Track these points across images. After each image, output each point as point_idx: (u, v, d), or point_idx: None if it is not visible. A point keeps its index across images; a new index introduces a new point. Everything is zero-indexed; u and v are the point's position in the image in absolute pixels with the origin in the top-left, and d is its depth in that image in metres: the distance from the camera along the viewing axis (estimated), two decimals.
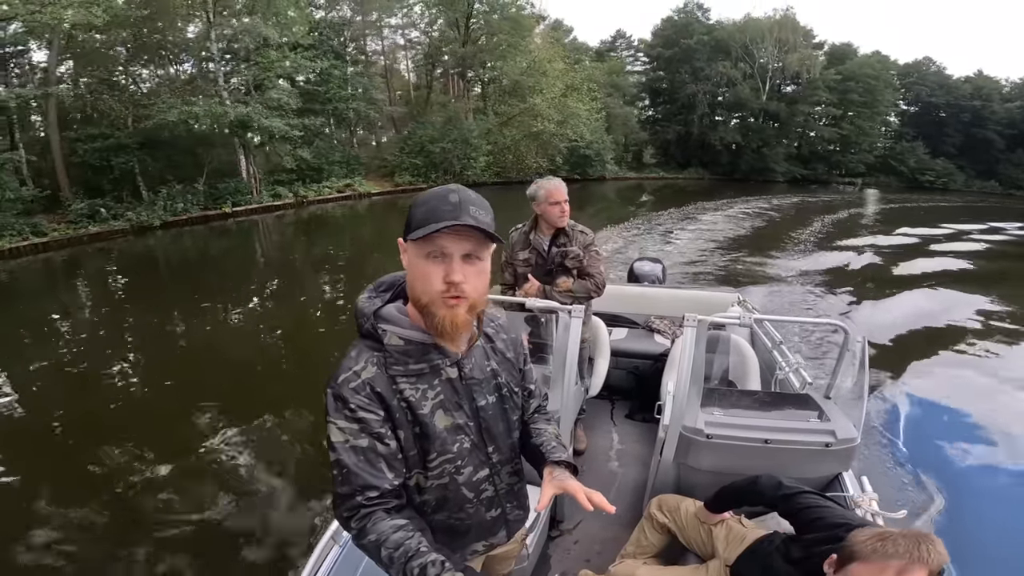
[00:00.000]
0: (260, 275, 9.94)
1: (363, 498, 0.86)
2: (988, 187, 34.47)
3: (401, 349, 0.92)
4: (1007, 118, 35.38)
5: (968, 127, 35.76)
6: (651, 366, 3.32)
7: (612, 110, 29.13)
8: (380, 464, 0.88)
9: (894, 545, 1.09)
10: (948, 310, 7.43)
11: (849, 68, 32.73)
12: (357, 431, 0.87)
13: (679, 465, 2.00)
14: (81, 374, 5.37)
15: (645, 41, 37.40)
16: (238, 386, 5.12)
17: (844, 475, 1.91)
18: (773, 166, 32.77)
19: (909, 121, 37.78)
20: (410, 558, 0.81)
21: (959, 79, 37.25)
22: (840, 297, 8.01)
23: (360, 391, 0.88)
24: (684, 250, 11.19)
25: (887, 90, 34.00)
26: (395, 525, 0.86)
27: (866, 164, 35.14)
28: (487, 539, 1.10)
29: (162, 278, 9.76)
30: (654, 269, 4.41)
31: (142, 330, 6.67)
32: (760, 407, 2.09)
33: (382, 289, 1.00)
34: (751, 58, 33.33)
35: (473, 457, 1.01)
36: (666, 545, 1.87)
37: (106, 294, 8.70)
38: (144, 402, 4.77)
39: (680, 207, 18.14)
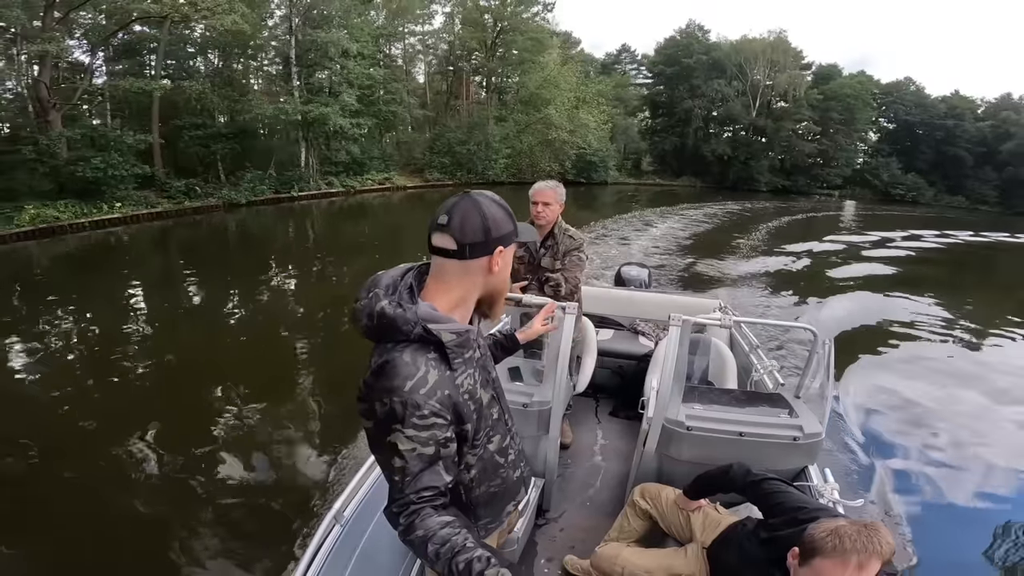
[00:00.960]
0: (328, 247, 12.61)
1: (416, 496, 0.88)
2: (955, 202, 37.42)
3: (456, 343, 0.94)
4: (978, 136, 38.13)
5: (940, 144, 38.80)
6: (635, 366, 3.46)
7: (615, 121, 32.12)
8: (438, 467, 0.90)
9: (851, 541, 1.17)
10: (883, 310, 8.25)
11: (831, 88, 36.00)
12: (425, 439, 0.88)
13: (661, 456, 2.11)
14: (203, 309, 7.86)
15: (648, 56, 40.56)
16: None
17: (810, 468, 2.04)
18: (758, 177, 35.95)
19: (886, 137, 40.89)
20: (456, 553, 0.83)
21: (936, 98, 40.18)
22: (781, 292, 9.10)
23: (432, 396, 0.88)
24: (657, 234, 14.29)
25: (865, 109, 37.13)
26: (442, 522, 0.87)
27: (843, 177, 38.35)
28: (516, 498, 1.18)
29: (252, 245, 12.52)
30: (640, 274, 4.63)
31: (243, 282, 8.79)
32: (736, 404, 2.22)
33: (391, 292, 0.97)
34: (744, 76, 36.46)
35: (499, 425, 1.08)
36: (647, 531, 1.96)
37: (212, 254, 11.39)
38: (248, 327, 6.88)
39: (671, 206, 21.36)
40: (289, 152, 18.20)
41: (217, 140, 15.50)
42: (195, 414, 4.34)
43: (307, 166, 18.37)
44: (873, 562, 1.16)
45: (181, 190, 14.78)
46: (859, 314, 7.89)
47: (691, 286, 9.04)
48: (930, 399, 5.08)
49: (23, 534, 2.95)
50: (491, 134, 23.75)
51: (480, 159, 23.34)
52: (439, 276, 0.96)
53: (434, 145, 24.02)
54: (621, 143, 34.81)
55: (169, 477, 3.54)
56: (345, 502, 1.60)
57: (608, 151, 30.16)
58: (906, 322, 7.82)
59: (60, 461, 3.60)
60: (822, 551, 1.20)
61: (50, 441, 3.85)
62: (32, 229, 10.94)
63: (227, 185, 15.85)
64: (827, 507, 1.56)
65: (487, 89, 26.72)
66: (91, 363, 5.39)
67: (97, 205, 12.31)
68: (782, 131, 36.25)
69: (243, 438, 4.02)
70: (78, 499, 3.26)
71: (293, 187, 17.19)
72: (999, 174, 37.83)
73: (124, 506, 3.19)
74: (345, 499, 1.61)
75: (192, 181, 15.10)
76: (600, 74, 35.87)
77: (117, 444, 3.81)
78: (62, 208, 11.66)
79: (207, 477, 3.54)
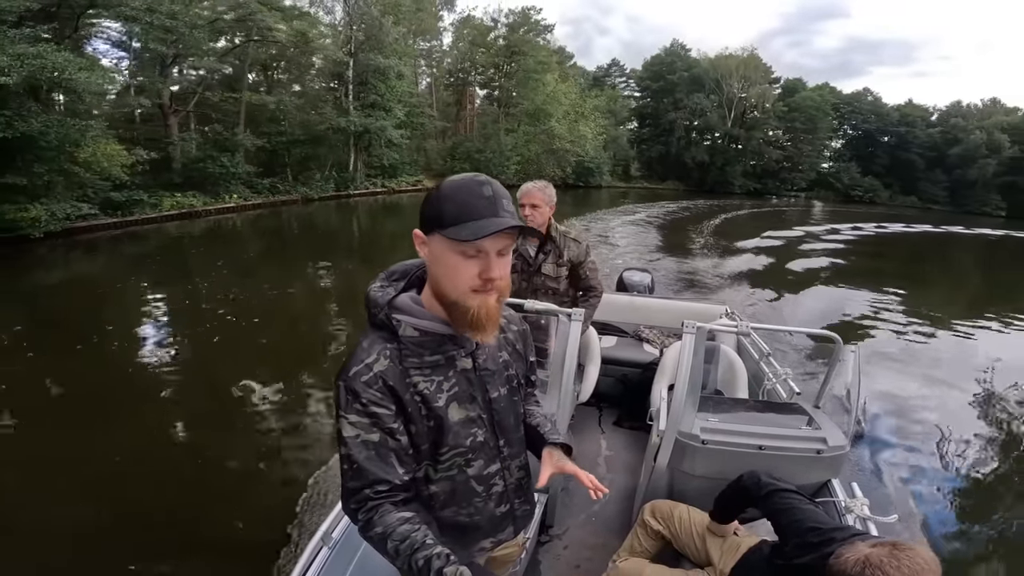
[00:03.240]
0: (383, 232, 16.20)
1: (371, 491, 0.86)
2: (909, 201, 42.07)
3: (416, 340, 0.90)
4: (928, 142, 42.90)
5: (894, 149, 43.66)
6: (640, 374, 3.34)
7: (608, 132, 36.28)
8: (391, 459, 0.88)
9: (894, 568, 1.03)
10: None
11: (796, 100, 40.66)
12: (368, 426, 0.86)
13: (672, 471, 1.99)
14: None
15: (636, 71, 45.00)
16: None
17: (833, 481, 1.93)
18: (732, 180, 40.25)
19: (848, 144, 45.71)
20: (416, 550, 0.81)
21: (892, 107, 45.03)
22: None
23: (372, 385, 0.86)
24: (638, 218, 18.32)
25: (825, 118, 41.74)
26: (402, 518, 0.85)
27: (808, 180, 42.98)
28: (495, 536, 1.09)
29: (331, 230, 16.10)
30: (643, 279, 4.49)
31: (338, 256, 12.68)
32: (752, 414, 2.14)
33: (395, 278, 0.98)
34: (721, 90, 40.82)
35: (484, 451, 1.00)
36: (659, 551, 1.85)
37: (309, 235, 14.95)
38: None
39: (653, 202, 25.49)
40: (340, 157, 21.79)
41: (296, 145, 19.06)
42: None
43: (355, 169, 21.95)
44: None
45: (266, 186, 18.27)
46: (836, 309, 8.43)
47: (689, 280, 9.78)
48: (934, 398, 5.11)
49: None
50: (504, 143, 27.61)
51: (495, 164, 27.11)
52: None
53: (454, 152, 27.81)
54: (612, 151, 38.89)
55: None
56: (333, 523, 1.50)
57: (603, 158, 34.37)
58: (871, 315, 8.34)
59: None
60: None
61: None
62: (174, 213, 14.37)
63: (298, 183, 19.36)
64: (842, 527, 1.40)
65: (498, 104, 30.58)
66: (255, 303, 7.85)
67: (218, 196, 15.79)
68: (753, 139, 40.76)
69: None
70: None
71: (348, 186, 20.79)
72: (948, 176, 42.44)
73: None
74: (333, 520, 1.51)
75: (274, 179, 18.60)
76: (592, 86, 40.04)
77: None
78: (192, 197, 15.10)
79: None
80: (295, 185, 18.99)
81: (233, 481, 3.55)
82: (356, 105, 20.14)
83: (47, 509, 3.07)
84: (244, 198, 17.10)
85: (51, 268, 9.56)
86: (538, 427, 1.12)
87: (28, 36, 9.14)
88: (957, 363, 6.42)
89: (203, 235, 13.56)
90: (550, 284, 2.38)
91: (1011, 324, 8.56)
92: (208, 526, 3.03)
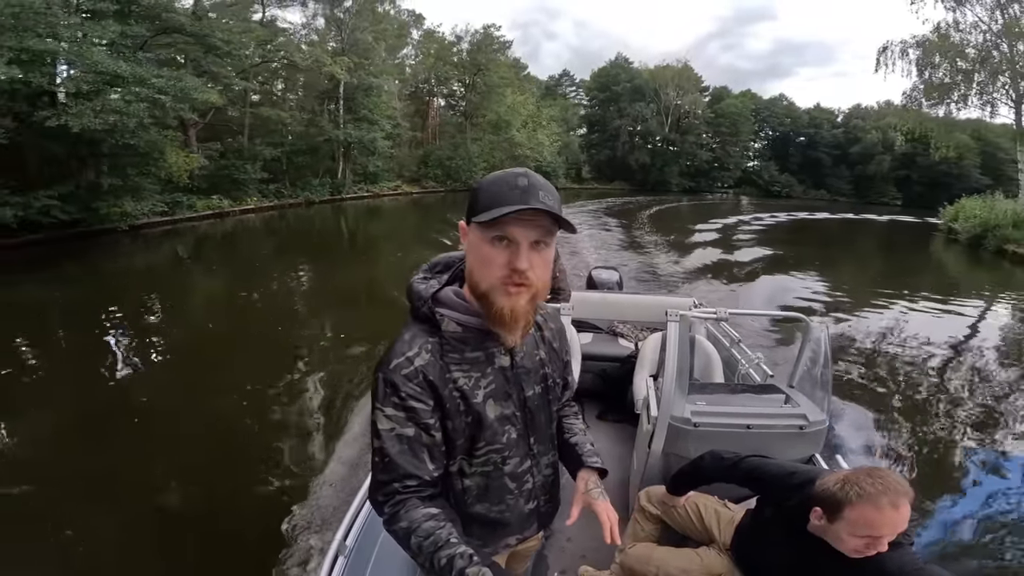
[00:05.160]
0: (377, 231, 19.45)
1: (400, 485, 0.87)
2: (819, 195, 48.33)
3: (459, 336, 0.91)
4: (833, 141, 49.59)
5: (805, 149, 50.22)
6: (618, 368, 3.47)
7: (562, 138, 40.57)
8: (423, 454, 0.88)
9: (870, 484, 1.17)
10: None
11: (722, 107, 46.61)
12: (404, 420, 0.87)
13: (667, 456, 2.06)
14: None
15: (585, 81, 49.98)
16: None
17: (817, 456, 2.05)
18: (670, 180, 45.54)
19: (768, 144, 52.08)
20: (439, 548, 0.82)
21: (803, 111, 51.68)
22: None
23: (412, 379, 0.87)
24: (592, 209, 22.19)
25: (746, 123, 47.84)
26: (427, 514, 0.86)
27: (735, 178, 48.97)
28: (521, 533, 1.09)
29: (339, 227, 19.13)
30: (611, 276, 4.69)
31: (348, 245, 15.80)
32: (736, 397, 2.26)
33: (437, 270, 0.98)
34: (659, 99, 45.98)
35: (519, 448, 1.01)
36: (661, 533, 1.94)
37: (321, 230, 17.97)
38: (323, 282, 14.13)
39: (601, 199, 29.78)
40: (330, 165, 24.73)
41: (297, 154, 21.92)
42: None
43: (344, 175, 24.91)
44: (903, 501, 1.15)
45: (272, 191, 20.98)
46: (783, 293, 9.42)
47: (650, 276, 10.57)
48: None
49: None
50: (471, 151, 31.24)
51: (464, 171, 30.67)
52: None
53: (427, 160, 31.16)
54: (565, 156, 43.23)
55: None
56: (346, 531, 1.55)
57: (558, 163, 38.65)
58: (811, 297, 9.35)
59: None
60: (847, 501, 1.18)
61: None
62: (208, 213, 17.02)
63: (296, 188, 22.17)
64: (816, 468, 1.59)
65: (465, 116, 34.16)
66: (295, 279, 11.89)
67: (239, 199, 18.51)
68: (687, 143, 46.30)
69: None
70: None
71: (340, 191, 23.78)
72: (851, 171, 49.14)
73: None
74: (346, 528, 1.57)
75: (278, 185, 21.36)
76: (545, 95, 44.40)
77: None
78: (218, 200, 17.77)
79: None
80: (295, 190, 21.80)
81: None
82: (348, 118, 23.19)
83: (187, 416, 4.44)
84: (258, 201, 19.86)
85: (137, 254, 12.34)
86: (576, 446, 1.12)
87: (153, 60, 11.78)
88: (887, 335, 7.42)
89: (238, 231, 16.37)
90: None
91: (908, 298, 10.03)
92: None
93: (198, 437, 4.13)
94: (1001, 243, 15.02)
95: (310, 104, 22.89)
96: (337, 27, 23.79)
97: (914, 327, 7.99)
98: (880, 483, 1.17)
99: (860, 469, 1.26)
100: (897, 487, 1.16)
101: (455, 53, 33.19)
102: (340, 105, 23.17)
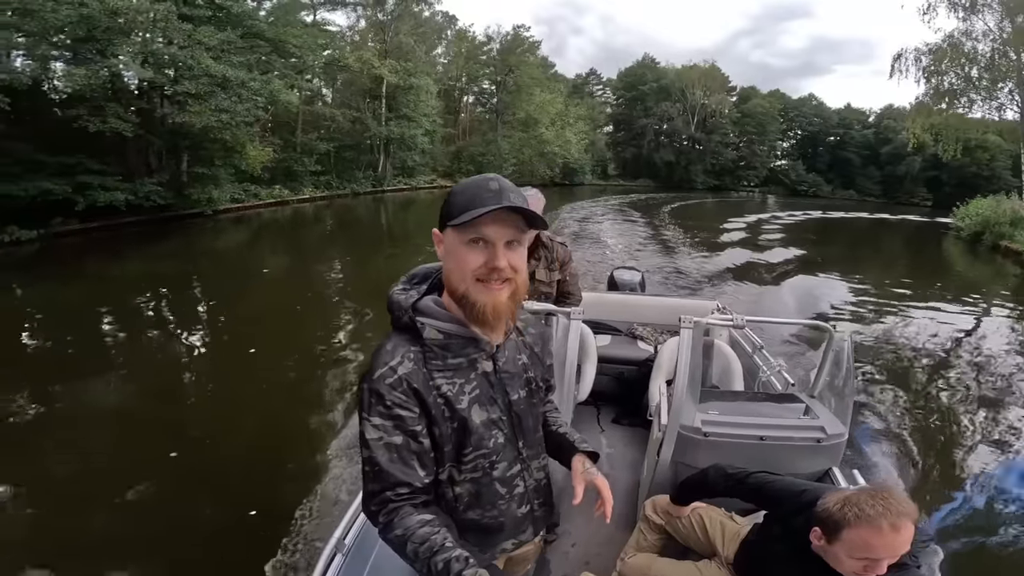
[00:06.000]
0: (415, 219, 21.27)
1: (393, 494, 0.88)
2: (847, 195, 48.23)
3: (440, 343, 0.93)
4: (864, 142, 49.44)
5: (834, 149, 50.24)
6: (636, 372, 3.41)
7: (589, 136, 42.02)
8: (412, 462, 0.89)
9: (871, 506, 1.13)
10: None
11: (748, 107, 47.13)
12: (392, 428, 0.88)
13: (676, 464, 2.02)
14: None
15: (612, 80, 51.07)
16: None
17: (834, 469, 1.97)
18: (695, 178, 46.31)
19: (797, 144, 52.24)
20: (435, 552, 0.83)
21: (833, 111, 51.59)
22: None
23: (396, 387, 0.88)
24: (615, 204, 23.53)
25: (773, 123, 48.28)
26: (422, 520, 0.87)
27: (760, 177, 49.36)
28: (517, 537, 1.10)
29: (382, 217, 20.94)
30: (633, 277, 4.63)
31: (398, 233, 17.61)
32: (751, 406, 2.20)
33: (416, 281, 1.00)
34: (685, 99, 46.72)
35: (507, 452, 1.02)
36: (665, 545, 1.91)
37: (370, 218, 19.80)
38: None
39: (625, 195, 31.09)
40: (372, 159, 26.69)
41: (345, 149, 23.96)
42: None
43: (384, 169, 26.87)
44: (904, 522, 1.11)
45: (323, 183, 23.00)
46: (813, 297, 9.08)
47: (678, 279, 10.06)
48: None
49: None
50: (502, 147, 32.92)
51: (495, 166, 32.33)
52: None
53: (460, 155, 32.97)
54: (592, 153, 44.57)
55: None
56: (346, 529, 1.54)
57: (585, 160, 40.12)
58: (847, 302, 8.91)
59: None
60: (846, 523, 1.16)
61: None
62: (270, 202, 19.07)
63: (342, 180, 24.19)
64: (827, 485, 1.54)
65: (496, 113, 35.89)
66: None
67: (297, 189, 20.58)
68: (712, 141, 46.95)
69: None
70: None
71: (381, 183, 25.78)
72: (881, 172, 48.92)
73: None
74: (346, 525, 1.55)
75: (327, 177, 23.39)
76: (572, 93, 45.66)
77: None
78: (279, 190, 19.82)
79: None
80: (341, 182, 23.81)
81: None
82: (390, 116, 25.14)
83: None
84: (312, 192, 21.93)
85: (219, 234, 14.33)
86: (566, 435, 1.15)
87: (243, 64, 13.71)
88: (930, 341, 7.12)
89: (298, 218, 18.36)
90: (543, 289, 2.42)
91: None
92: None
93: (288, 358, 5.73)
94: (996, 239, 15.90)
95: (355, 102, 24.80)
96: (381, 30, 25.82)
97: (921, 325, 7.92)
98: (882, 504, 1.13)
99: (864, 489, 1.24)
100: (899, 508, 1.12)
101: (485, 52, 34.96)
102: (383, 103, 25.10)
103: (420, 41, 25.97)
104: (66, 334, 6.05)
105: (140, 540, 2.92)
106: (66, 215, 11.67)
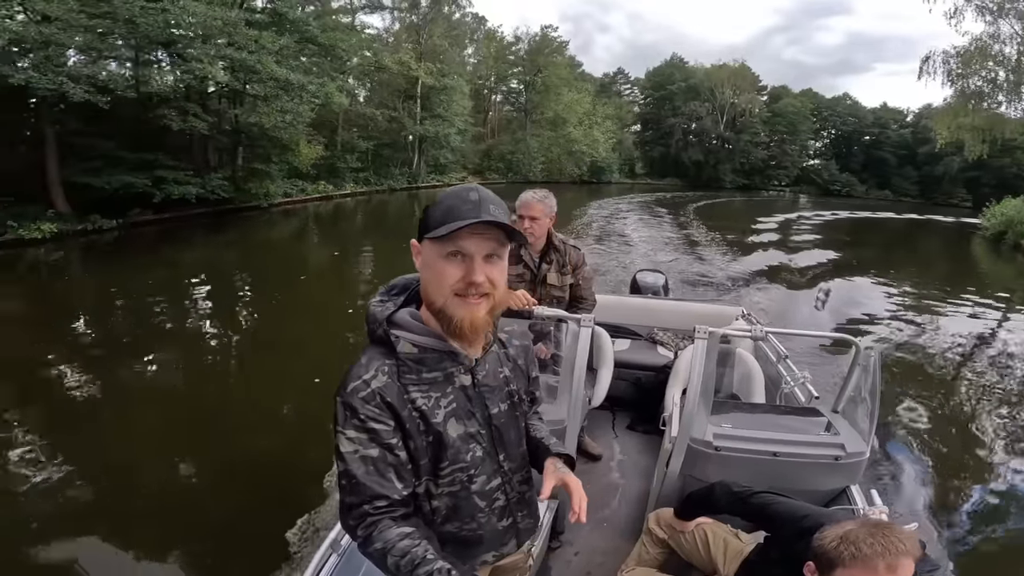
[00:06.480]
0: None
1: (370, 507, 0.87)
2: (883, 195, 47.49)
3: (415, 357, 0.92)
4: (900, 141, 48.60)
5: (869, 148, 49.41)
6: (654, 378, 3.33)
7: (617, 136, 42.51)
8: (389, 474, 0.88)
9: (868, 545, 1.08)
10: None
11: (779, 106, 46.76)
12: (367, 441, 0.87)
13: (684, 477, 1.97)
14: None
15: (640, 79, 51.34)
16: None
17: (852, 488, 1.91)
18: (723, 178, 46.25)
19: (830, 143, 51.51)
20: (416, 565, 0.82)
21: (868, 110, 50.74)
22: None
23: (370, 401, 0.87)
24: (640, 201, 24.02)
25: (805, 122, 47.73)
26: (401, 533, 0.86)
27: (791, 177, 48.89)
28: (498, 549, 1.09)
29: (417, 212, 22.13)
30: (656, 280, 4.51)
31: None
32: (768, 420, 2.12)
33: (394, 292, 0.99)
34: (714, 98, 46.63)
35: (486, 466, 1.00)
36: (667, 560, 1.86)
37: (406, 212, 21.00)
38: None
39: (652, 193, 31.52)
40: (407, 157, 27.87)
41: (383, 147, 25.22)
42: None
43: (418, 167, 28.02)
44: (903, 562, 1.07)
45: (362, 179, 24.24)
46: (845, 304, 8.53)
47: (701, 278, 9.90)
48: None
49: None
50: (531, 146, 33.75)
51: (524, 165, 33.22)
52: None
53: (490, 153, 33.94)
54: (620, 152, 44.98)
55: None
56: (341, 531, 1.46)
57: (612, 159, 40.63)
58: (881, 311, 8.49)
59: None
60: (840, 562, 1.11)
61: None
62: (316, 196, 20.33)
63: (379, 177, 25.40)
64: (831, 512, 1.45)
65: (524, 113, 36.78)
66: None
67: (340, 185, 21.85)
68: (742, 141, 46.76)
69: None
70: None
71: (416, 180, 26.96)
72: (919, 172, 47.90)
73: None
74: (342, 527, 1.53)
75: (366, 173, 24.63)
76: (600, 92, 46.15)
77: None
78: (324, 185, 21.09)
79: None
80: (379, 178, 25.04)
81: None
82: (424, 116, 26.26)
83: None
84: (353, 187, 23.21)
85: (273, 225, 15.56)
86: (542, 439, 1.12)
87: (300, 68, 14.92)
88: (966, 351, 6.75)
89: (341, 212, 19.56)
90: (555, 294, 2.39)
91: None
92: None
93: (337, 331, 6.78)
94: (1018, 239, 16.01)
95: (392, 102, 25.99)
96: (415, 32, 26.96)
97: (944, 326, 7.80)
98: (881, 543, 1.07)
99: (866, 523, 1.17)
100: (898, 547, 1.07)
101: (514, 52, 35.86)
102: (418, 103, 26.24)
103: (453, 43, 27.00)
104: (148, 316, 6.89)
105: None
106: (143, 206, 13.00)
